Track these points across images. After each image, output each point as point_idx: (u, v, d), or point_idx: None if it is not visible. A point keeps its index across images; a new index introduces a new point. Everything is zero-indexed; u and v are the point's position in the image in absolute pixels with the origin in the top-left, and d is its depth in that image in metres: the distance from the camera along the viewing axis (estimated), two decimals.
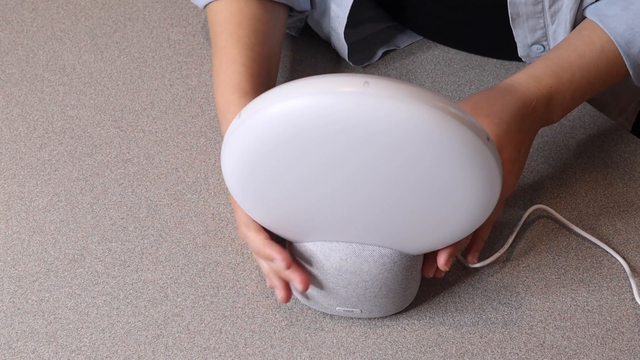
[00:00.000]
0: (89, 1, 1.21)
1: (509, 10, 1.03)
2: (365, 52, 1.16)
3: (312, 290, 0.90)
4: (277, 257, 0.84)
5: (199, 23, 1.18)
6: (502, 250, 0.97)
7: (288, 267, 0.84)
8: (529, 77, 0.93)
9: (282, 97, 0.71)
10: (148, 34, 1.18)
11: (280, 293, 0.87)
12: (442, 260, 0.86)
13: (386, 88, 0.69)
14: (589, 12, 1.00)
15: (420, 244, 0.83)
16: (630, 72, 0.98)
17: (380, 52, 1.16)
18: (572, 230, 0.99)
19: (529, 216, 1.00)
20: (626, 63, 0.97)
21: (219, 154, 1.06)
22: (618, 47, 0.96)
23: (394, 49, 1.17)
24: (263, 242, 0.85)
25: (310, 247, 0.86)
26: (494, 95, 0.91)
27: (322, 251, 0.85)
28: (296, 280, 0.85)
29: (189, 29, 1.18)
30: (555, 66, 0.94)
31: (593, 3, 1.00)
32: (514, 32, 1.07)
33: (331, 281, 0.87)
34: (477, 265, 0.95)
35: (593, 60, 0.95)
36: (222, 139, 1.07)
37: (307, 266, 0.87)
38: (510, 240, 0.98)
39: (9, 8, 1.20)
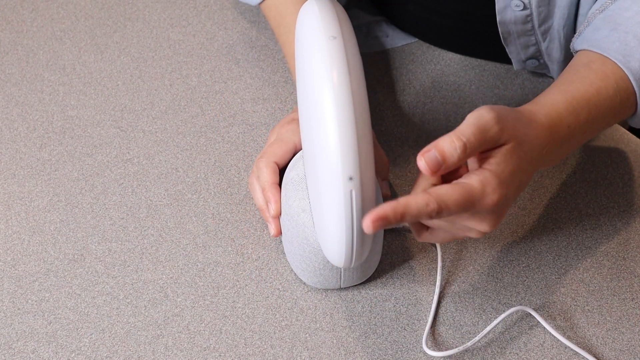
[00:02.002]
0: (89, 1, 1.21)
1: (499, 29, 1.03)
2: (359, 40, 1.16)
3: (297, 264, 0.94)
4: (272, 204, 0.94)
5: (199, 23, 1.19)
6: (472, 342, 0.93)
7: (274, 217, 0.95)
8: (552, 112, 0.86)
9: None
10: (148, 34, 1.18)
11: (271, 229, 0.96)
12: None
13: None
14: (583, 45, 0.95)
15: None
16: (639, 106, 0.93)
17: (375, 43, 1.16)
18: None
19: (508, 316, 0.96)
20: (638, 96, 0.92)
21: (219, 154, 1.06)
22: (632, 82, 0.91)
23: (393, 48, 1.17)
24: (271, 184, 0.94)
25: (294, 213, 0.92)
26: (518, 116, 0.84)
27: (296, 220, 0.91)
28: (270, 228, 0.96)
29: (189, 29, 1.18)
30: (576, 102, 0.88)
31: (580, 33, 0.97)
32: (506, 49, 1.06)
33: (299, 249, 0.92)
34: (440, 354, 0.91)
35: (609, 98, 0.90)
36: (222, 139, 1.07)
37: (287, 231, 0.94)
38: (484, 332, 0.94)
39: (9, 8, 1.20)
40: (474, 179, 0.79)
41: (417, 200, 0.76)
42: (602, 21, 0.93)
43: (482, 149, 0.80)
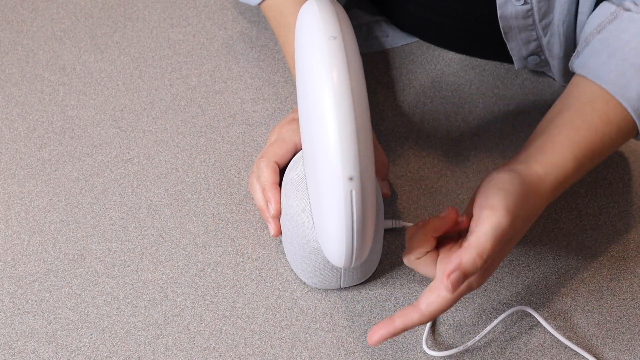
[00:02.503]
0: (89, 1, 1.21)
1: (500, 24, 1.03)
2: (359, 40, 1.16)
3: (298, 264, 0.94)
4: (272, 204, 0.94)
5: (199, 23, 1.19)
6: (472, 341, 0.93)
7: (274, 217, 0.95)
8: (559, 172, 0.88)
9: None
10: (148, 34, 1.18)
11: (270, 229, 0.96)
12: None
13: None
14: (582, 70, 0.95)
15: None
16: None
17: (374, 43, 1.16)
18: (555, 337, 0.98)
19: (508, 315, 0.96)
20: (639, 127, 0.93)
21: (219, 154, 1.06)
22: (634, 118, 0.92)
23: (393, 48, 1.17)
24: (271, 184, 0.95)
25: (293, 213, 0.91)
26: (526, 198, 0.86)
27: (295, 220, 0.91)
28: (270, 228, 0.96)
29: (189, 29, 1.18)
30: (582, 155, 0.89)
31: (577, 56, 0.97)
32: (507, 45, 1.06)
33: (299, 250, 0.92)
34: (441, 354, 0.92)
35: (611, 142, 0.91)
36: (222, 139, 1.07)
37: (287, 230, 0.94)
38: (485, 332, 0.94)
39: (9, 8, 1.20)
40: (465, 284, 0.84)
41: (412, 320, 0.84)
42: (600, 44, 0.93)
43: None
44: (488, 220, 0.82)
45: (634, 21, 0.91)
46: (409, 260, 0.85)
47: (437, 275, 0.85)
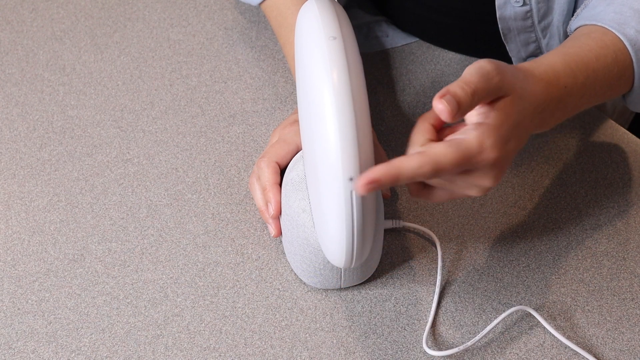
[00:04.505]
0: (89, 1, 1.21)
1: (499, 26, 1.03)
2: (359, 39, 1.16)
3: (298, 264, 0.94)
4: (272, 204, 0.94)
5: (198, 23, 1.18)
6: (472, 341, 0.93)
7: (274, 218, 0.95)
8: (549, 70, 0.85)
9: None
10: (148, 34, 1.18)
11: (271, 230, 0.97)
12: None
13: None
14: (580, 22, 0.95)
15: None
16: (636, 79, 0.93)
17: (374, 43, 1.16)
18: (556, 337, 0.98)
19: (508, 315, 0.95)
20: (635, 67, 0.92)
21: (219, 154, 1.06)
22: (631, 52, 0.91)
23: (393, 48, 1.17)
24: (272, 184, 0.95)
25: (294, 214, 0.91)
26: (515, 71, 0.83)
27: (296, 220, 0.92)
28: (270, 229, 0.96)
29: (189, 29, 1.18)
30: (575, 64, 0.87)
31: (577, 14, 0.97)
32: (507, 47, 1.06)
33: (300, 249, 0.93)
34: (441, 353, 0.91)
35: (607, 66, 0.90)
36: (222, 139, 1.07)
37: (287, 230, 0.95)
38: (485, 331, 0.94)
39: (9, 8, 1.20)
40: (472, 135, 0.76)
41: (410, 162, 0.73)
42: (598, 0, 0.93)
43: (487, 98, 0.78)
44: (471, 66, 0.78)
45: None
46: (413, 149, 0.77)
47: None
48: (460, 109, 0.74)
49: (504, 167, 0.79)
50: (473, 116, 0.79)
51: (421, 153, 0.74)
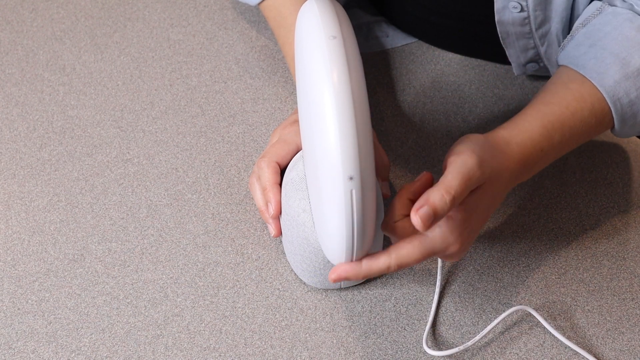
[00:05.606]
0: (89, 1, 1.21)
1: (498, 30, 1.03)
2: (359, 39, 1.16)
3: (298, 264, 0.94)
4: (272, 204, 0.94)
5: (198, 23, 1.19)
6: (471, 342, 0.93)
7: (274, 218, 0.95)
8: (527, 140, 0.89)
9: None
10: (148, 34, 1.18)
11: (271, 230, 0.97)
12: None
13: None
14: (564, 60, 0.96)
15: None
16: (616, 125, 0.94)
17: (373, 43, 1.16)
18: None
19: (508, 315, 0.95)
20: (614, 117, 0.93)
21: (219, 154, 1.06)
22: (609, 103, 0.92)
23: (393, 48, 1.17)
24: (272, 184, 0.95)
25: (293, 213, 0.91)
26: (493, 152, 0.87)
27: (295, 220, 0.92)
28: (270, 229, 0.96)
29: (189, 29, 1.18)
30: (550, 125, 0.90)
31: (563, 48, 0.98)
32: (506, 52, 1.06)
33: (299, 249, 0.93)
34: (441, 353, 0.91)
35: (584, 119, 0.92)
36: (222, 139, 1.07)
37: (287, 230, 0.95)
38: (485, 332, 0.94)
39: (9, 8, 1.20)
40: (436, 233, 0.83)
41: (378, 263, 0.82)
42: (583, 36, 0.95)
43: (466, 195, 0.83)
44: (454, 163, 0.82)
45: (618, 15, 0.93)
46: (386, 224, 0.85)
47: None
48: (436, 217, 0.80)
49: (469, 243, 0.87)
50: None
51: (388, 254, 0.83)
